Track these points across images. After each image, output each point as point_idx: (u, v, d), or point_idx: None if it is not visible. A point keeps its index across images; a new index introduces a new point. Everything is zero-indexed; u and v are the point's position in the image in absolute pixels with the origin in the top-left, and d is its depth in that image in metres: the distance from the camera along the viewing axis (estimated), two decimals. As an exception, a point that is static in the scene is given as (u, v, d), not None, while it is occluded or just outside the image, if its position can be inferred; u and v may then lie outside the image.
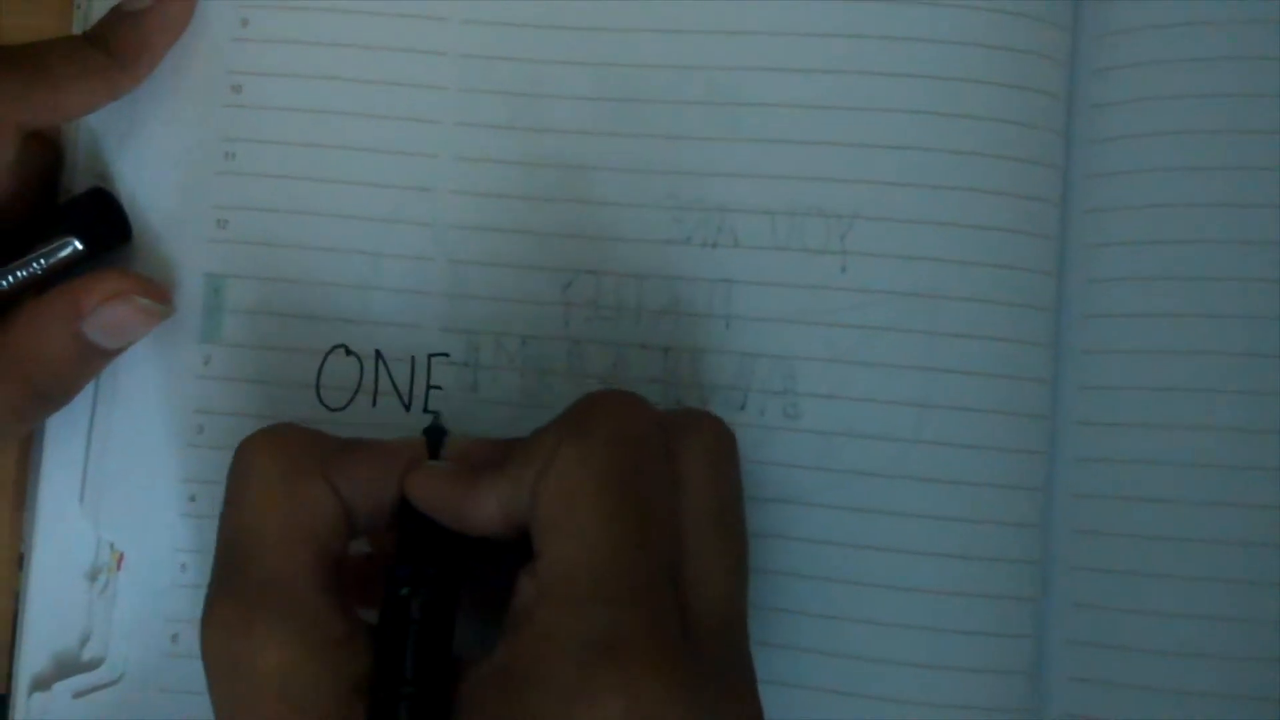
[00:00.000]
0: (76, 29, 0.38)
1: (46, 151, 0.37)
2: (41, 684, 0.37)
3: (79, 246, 0.36)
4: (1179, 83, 0.37)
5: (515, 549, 0.31)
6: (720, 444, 0.32)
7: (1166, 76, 0.37)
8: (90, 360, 0.36)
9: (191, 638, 0.36)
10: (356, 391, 0.37)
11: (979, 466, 0.36)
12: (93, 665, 0.37)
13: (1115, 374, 0.37)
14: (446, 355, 0.37)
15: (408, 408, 0.37)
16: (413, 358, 0.37)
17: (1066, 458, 0.37)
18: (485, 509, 0.30)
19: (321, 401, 0.37)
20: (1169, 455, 0.36)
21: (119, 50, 0.35)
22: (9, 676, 0.37)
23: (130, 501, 0.37)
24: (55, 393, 0.36)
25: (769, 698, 0.30)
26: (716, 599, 0.30)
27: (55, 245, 0.36)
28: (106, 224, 0.37)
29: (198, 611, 0.36)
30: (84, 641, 0.37)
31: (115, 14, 0.36)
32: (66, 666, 0.37)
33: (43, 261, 0.36)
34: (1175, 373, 0.36)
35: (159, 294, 0.36)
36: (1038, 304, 0.37)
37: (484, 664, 0.29)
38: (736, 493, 0.32)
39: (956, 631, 0.35)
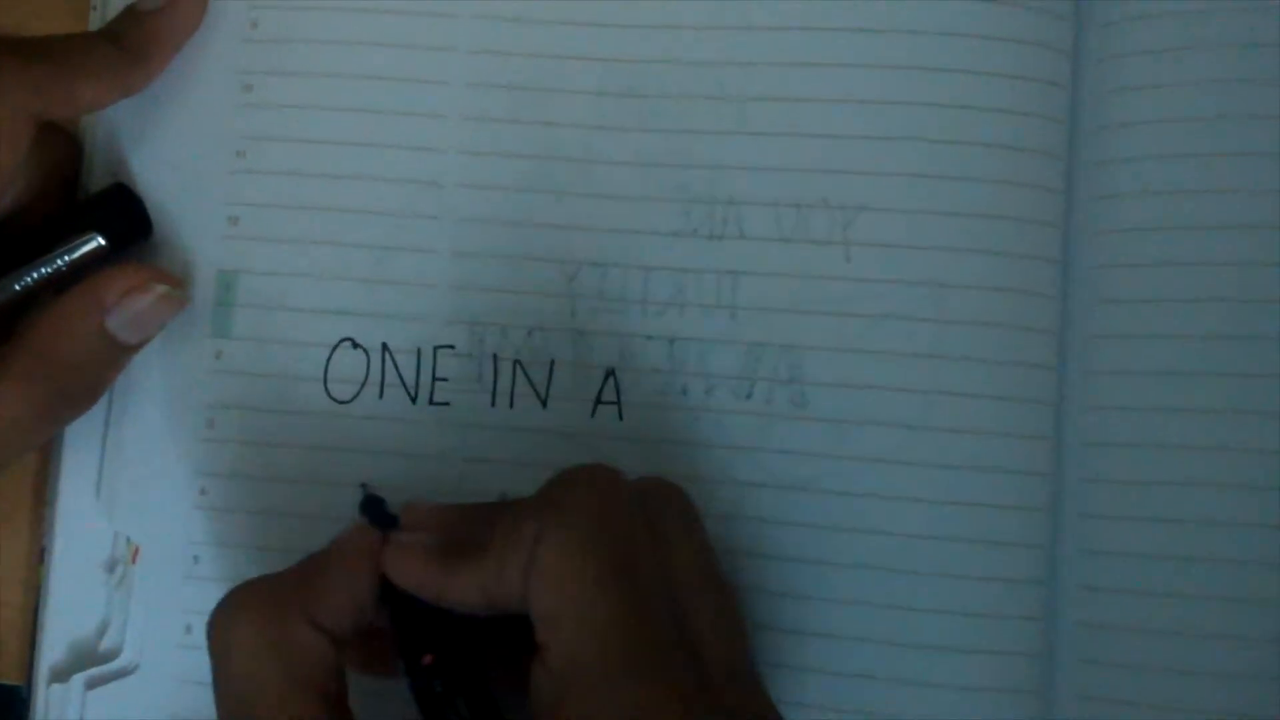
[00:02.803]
0: (93, 28, 0.39)
1: (66, 149, 0.38)
2: (60, 675, 0.37)
3: (102, 242, 0.36)
4: (1184, 71, 0.37)
5: (506, 621, 0.30)
6: (689, 506, 0.32)
7: (1173, 63, 0.37)
8: (114, 357, 0.36)
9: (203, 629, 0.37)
10: (364, 384, 0.37)
11: (986, 451, 0.36)
12: (110, 656, 0.37)
13: (1122, 359, 0.36)
14: (452, 347, 0.37)
15: (414, 399, 0.37)
16: (419, 350, 0.37)
17: (1073, 442, 0.37)
18: (468, 594, 0.30)
19: (329, 394, 0.37)
20: (1178, 438, 0.36)
21: (132, 47, 0.36)
22: (29, 668, 0.38)
23: (144, 496, 0.38)
24: (81, 393, 0.36)
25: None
26: (723, 649, 0.30)
27: (79, 241, 0.36)
28: (128, 219, 0.37)
29: (210, 603, 0.37)
30: (101, 632, 0.37)
31: (129, 13, 0.37)
32: (84, 657, 0.37)
33: (66, 258, 0.36)
34: (1185, 354, 0.36)
35: (175, 283, 0.37)
36: (1043, 291, 0.36)
37: None
38: (712, 550, 0.32)
39: (966, 614, 0.35)
